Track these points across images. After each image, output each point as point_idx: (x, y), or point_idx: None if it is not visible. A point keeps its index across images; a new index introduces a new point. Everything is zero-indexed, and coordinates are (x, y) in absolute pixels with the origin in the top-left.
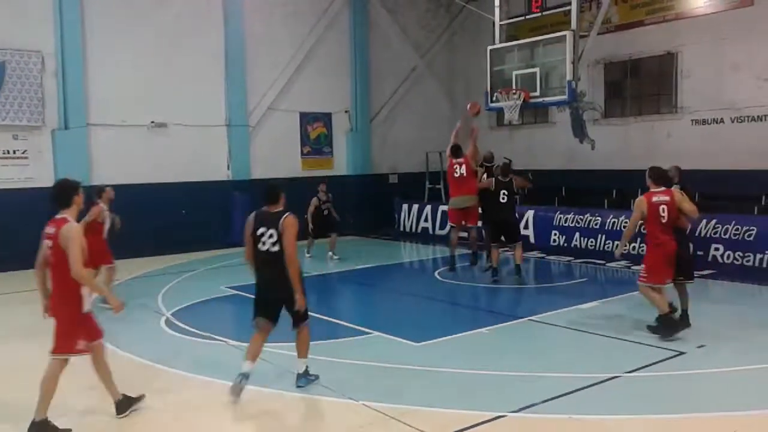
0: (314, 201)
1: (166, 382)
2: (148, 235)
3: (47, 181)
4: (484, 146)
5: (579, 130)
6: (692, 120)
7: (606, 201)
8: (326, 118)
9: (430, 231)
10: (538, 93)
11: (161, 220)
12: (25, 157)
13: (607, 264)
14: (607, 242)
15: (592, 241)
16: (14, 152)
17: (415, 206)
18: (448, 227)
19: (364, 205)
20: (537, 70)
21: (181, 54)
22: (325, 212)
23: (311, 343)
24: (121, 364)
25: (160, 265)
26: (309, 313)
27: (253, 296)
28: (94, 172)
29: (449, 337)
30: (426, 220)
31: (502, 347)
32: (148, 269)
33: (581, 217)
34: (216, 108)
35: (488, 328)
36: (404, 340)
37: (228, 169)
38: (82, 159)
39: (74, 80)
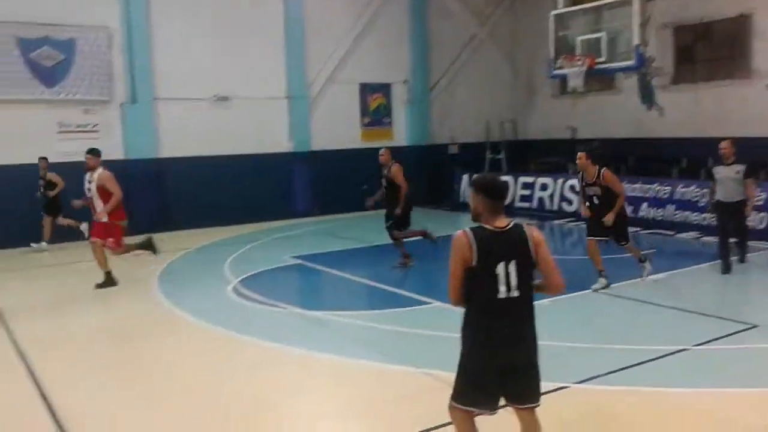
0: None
1: (233, 347)
2: (214, 206)
3: (117, 154)
4: (546, 115)
5: (647, 96)
6: (767, 85)
7: (675, 170)
8: (385, 89)
9: None
10: (603, 59)
11: (226, 191)
12: (96, 131)
13: (677, 235)
14: (676, 212)
15: (660, 212)
16: (85, 126)
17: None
18: (508, 199)
19: (424, 175)
20: (603, 34)
21: (242, 27)
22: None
23: (376, 311)
24: (190, 329)
25: (226, 235)
26: (371, 283)
27: (319, 267)
28: (162, 145)
29: None
30: None
31: (565, 319)
32: (215, 239)
33: (649, 186)
34: (277, 80)
35: (550, 299)
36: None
37: (289, 141)
38: (149, 132)
39: (141, 55)
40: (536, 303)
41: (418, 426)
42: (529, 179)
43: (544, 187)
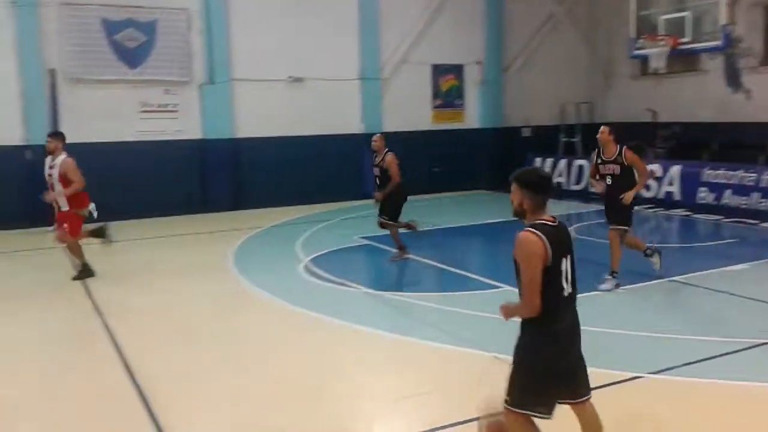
0: None
1: (304, 323)
2: (286, 186)
3: (196, 133)
4: (625, 97)
5: (733, 79)
6: None
7: (762, 156)
8: (458, 70)
9: (564, 186)
10: (687, 39)
11: (298, 171)
12: (175, 111)
13: (761, 224)
14: (761, 201)
15: (744, 200)
16: (166, 106)
17: (549, 160)
18: (583, 182)
19: (495, 159)
20: (687, 14)
21: (317, 8)
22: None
23: (444, 293)
24: (263, 304)
25: (297, 215)
26: (440, 265)
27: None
28: (238, 125)
29: (584, 294)
30: (560, 175)
31: (641, 307)
32: (287, 218)
33: (733, 173)
34: (350, 62)
35: (625, 287)
36: None
37: (361, 122)
38: (226, 113)
39: (219, 37)
40: (615, 291)
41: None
42: None
43: None
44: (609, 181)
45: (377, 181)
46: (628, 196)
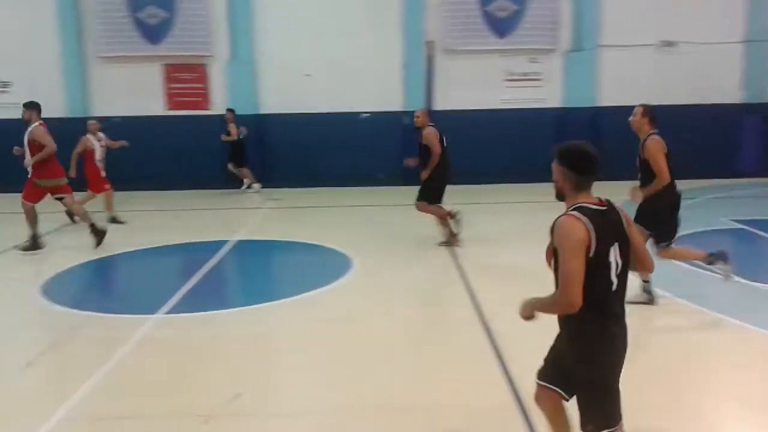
0: None
1: (657, 306)
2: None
3: (555, 101)
4: None
5: None
6: None
7: None
8: None
9: None
10: None
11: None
12: (539, 79)
13: None
14: None
15: None
16: (529, 75)
17: None
18: None
19: None
20: None
21: None
22: None
23: None
24: None
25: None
26: None
27: None
28: (601, 93)
29: None
30: None
31: None
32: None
33: None
34: (734, 22)
35: None
36: None
37: (740, 90)
38: (589, 81)
39: (588, 2)
40: None
41: None
42: None
43: None
44: (639, 175)
45: (419, 158)
46: (635, 195)
